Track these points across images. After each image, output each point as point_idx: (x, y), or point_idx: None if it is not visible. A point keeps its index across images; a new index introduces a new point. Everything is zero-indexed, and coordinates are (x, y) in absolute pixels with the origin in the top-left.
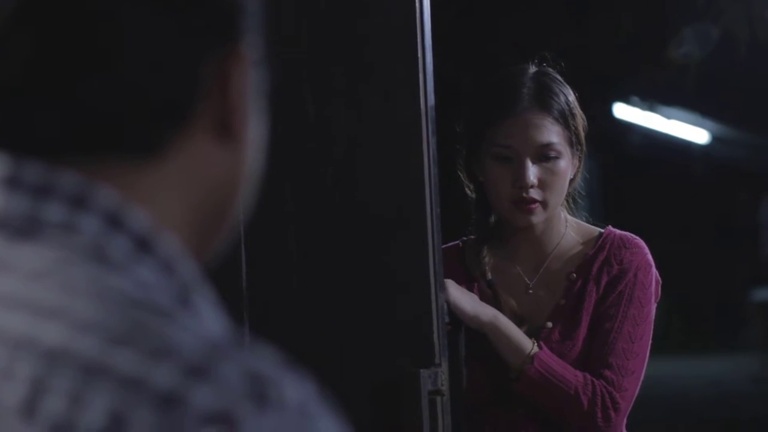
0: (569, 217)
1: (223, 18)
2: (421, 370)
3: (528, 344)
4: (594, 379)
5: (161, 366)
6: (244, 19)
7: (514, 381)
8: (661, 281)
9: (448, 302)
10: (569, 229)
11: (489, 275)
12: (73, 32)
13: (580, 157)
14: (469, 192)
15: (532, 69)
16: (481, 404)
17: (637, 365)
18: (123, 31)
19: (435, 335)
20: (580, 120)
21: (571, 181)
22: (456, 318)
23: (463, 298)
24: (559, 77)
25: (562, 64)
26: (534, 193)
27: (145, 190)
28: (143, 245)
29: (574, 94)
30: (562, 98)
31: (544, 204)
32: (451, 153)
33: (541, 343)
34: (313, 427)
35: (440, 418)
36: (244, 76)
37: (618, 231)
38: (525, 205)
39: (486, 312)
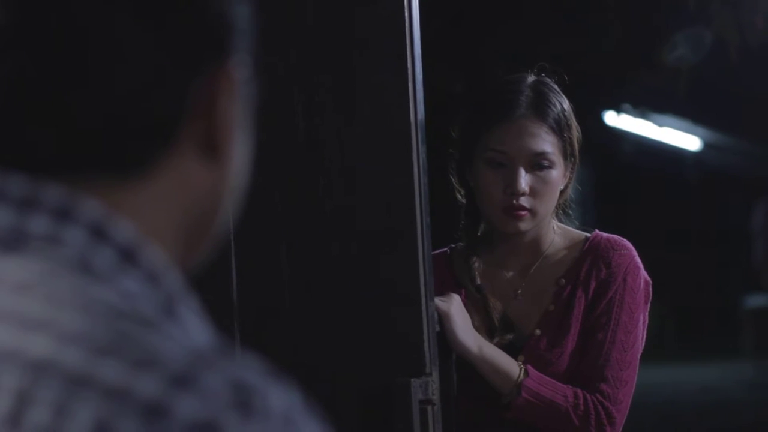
0: (556, 223)
1: (212, 37)
2: (412, 380)
3: (515, 371)
4: (587, 394)
5: (146, 376)
6: (233, 38)
7: (503, 407)
8: (651, 282)
9: (440, 314)
10: (557, 236)
11: (478, 280)
12: (63, 50)
13: (572, 168)
14: (459, 197)
15: (531, 78)
16: (471, 413)
17: (630, 374)
18: (112, 49)
19: (426, 345)
20: (575, 131)
21: (563, 191)
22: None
23: (457, 321)
24: (557, 87)
25: (564, 76)
26: (524, 201)
27: (131, 206)
28: (128, 256)
29: (570, 104)
30: (559, 108)
31: (533, 212)
32: (442, 161)
33: (529, 367)
34: None
35: (431, 427)
36: (232, 94)
37: (605, 234)
38: (514, 211)
39: (473, 342)
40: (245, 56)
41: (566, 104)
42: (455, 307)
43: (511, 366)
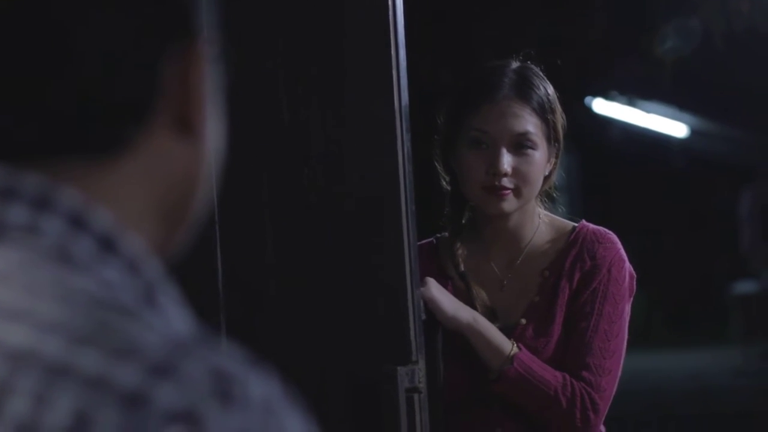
0: (542, 212)
1: (178, 15)
2: (399, 368)
3: (507, 345)
4: (573, 380)
5: (125, 365)
6: (199, 15)
7: (493, 381)
8: (635, 276)
9: (426, 300)
10: (542, 224)
11: (462, 267)
12: (32, 36)
13: (557, 154)
14: (444, 184)
15: (515, 64)
16: (457, 401)
17: (614, 364)
18: (81, 31)
19: (412, 333)
20: (560, 117)
21: (548, 178)
22: (433, 314)
23: (442, 298)
24: (541, 74)
25: (548, 63)
26: (507, 182)
27: (108, 189)
28: (107, 245)
29: (556, 92)
30: (542, 91)
31: (517, 192)
32: (427, 150)
33: (521, 344)
34: (279, 424)
35: (418, 415)
36: (201, 71)
37: (591, 225)
38: (497, 191)
39: (465, 314)
40: (213, 34)
41: (550, 89)
42: (435, 289)
43: (503, 340)
